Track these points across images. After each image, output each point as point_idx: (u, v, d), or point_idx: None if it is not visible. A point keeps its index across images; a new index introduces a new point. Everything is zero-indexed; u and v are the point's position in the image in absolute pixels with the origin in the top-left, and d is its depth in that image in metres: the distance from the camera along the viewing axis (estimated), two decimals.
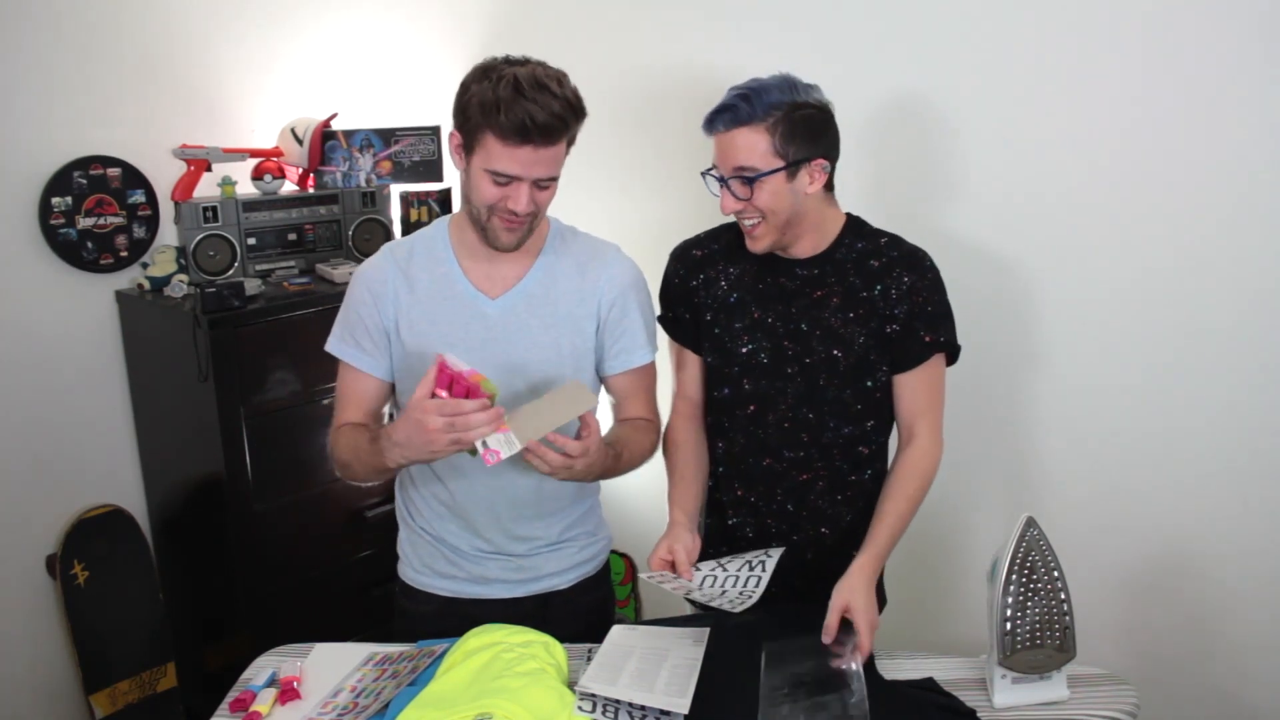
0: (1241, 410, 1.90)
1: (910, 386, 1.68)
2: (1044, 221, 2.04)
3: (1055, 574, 1.48)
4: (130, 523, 2.68)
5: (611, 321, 1.71)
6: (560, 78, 1.55)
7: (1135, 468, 2.03)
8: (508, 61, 1.55)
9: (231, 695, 1.55)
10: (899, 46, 2.14)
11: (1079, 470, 2.10)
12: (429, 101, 2.97)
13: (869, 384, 1.68)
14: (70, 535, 2.58)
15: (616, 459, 1.65)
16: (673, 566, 1.60)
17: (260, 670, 1.61)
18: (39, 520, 2.59)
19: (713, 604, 1.57)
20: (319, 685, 1.55)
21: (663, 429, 1.81)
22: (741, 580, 1.62)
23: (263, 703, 1.49)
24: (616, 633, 1.61)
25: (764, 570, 1.64)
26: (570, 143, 1.59)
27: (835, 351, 1.66)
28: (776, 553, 1.67)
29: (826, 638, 1.51)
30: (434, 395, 1.47)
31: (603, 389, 1.78)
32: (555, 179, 1.59)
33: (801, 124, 1.58)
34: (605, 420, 1.80)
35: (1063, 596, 1.47)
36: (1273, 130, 1.78)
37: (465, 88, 1.56)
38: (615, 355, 1.73)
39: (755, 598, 1.58)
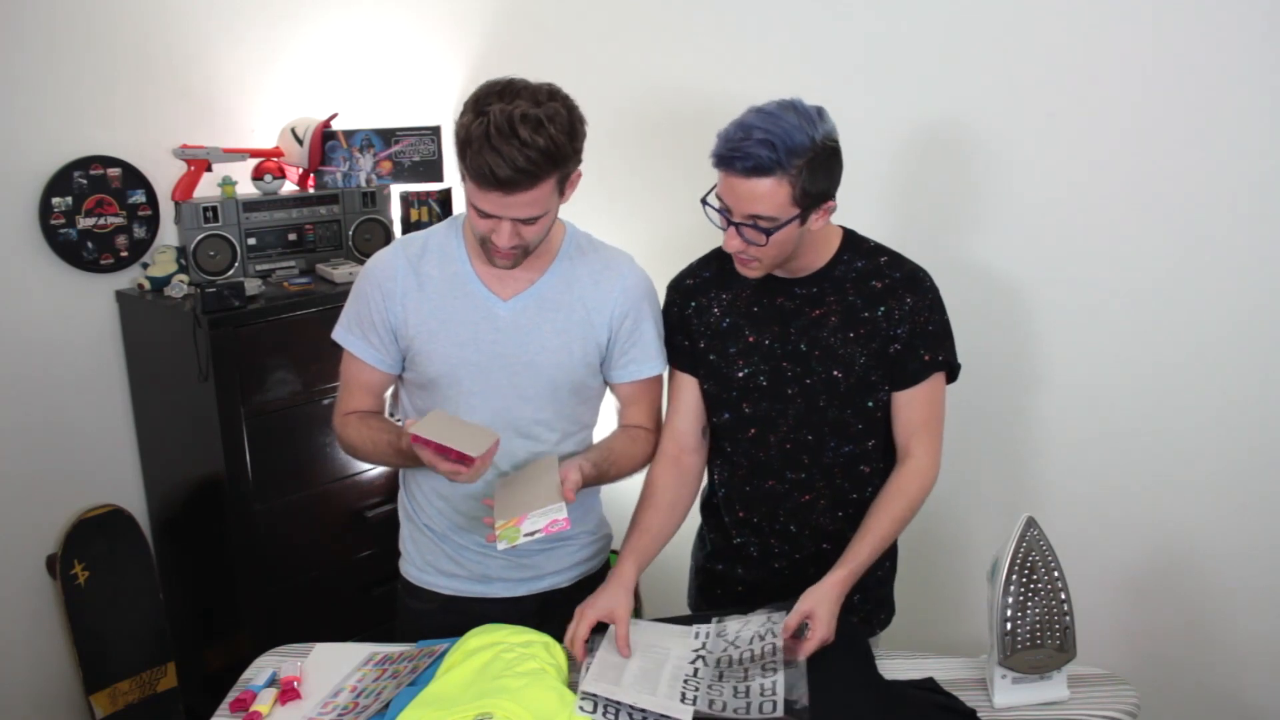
0: (1241, 411, 1.90)
1: (907, 404, 1.66)
2: (1042, 229, 2.04)
3: (1055, 574, 1.48)
4: (130, 523, 2.68)
5: (624, 332, 1.70)
6: (539, 121, 1.43)
7: (1135, 467, 2.03)
8: (501, 94, 1.46)
9: (231, 695, 1.55)
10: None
11: (1079, 470, 2.10)
12: (429, 101, 2.97)
13: (869, 404, 1.66)
14: (70, 535, 2.58)
15: (601, 476, 1.66)
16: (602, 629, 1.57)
17: (260, 670, 1.61)
18: (39, 520, 2.59)
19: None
20: (319, 685, 1.56)
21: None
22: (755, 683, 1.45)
23: (263, 703, 1.50)
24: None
25: (776, 655, 1.49)
26: (562, 180, 1.52)
27: (835, 372, 1.64)
28: (780, 616, 1.56)
29: (783, 636, 1.51)
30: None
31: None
32: (540, 217, 1.53)
33: (821, 168, 1.50)
34: (605, 424, 1.81)
35: (1063, 596, 1.47)
36: None
37: (459, 114, 1.50)
38: (624, 366, 1.72)
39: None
